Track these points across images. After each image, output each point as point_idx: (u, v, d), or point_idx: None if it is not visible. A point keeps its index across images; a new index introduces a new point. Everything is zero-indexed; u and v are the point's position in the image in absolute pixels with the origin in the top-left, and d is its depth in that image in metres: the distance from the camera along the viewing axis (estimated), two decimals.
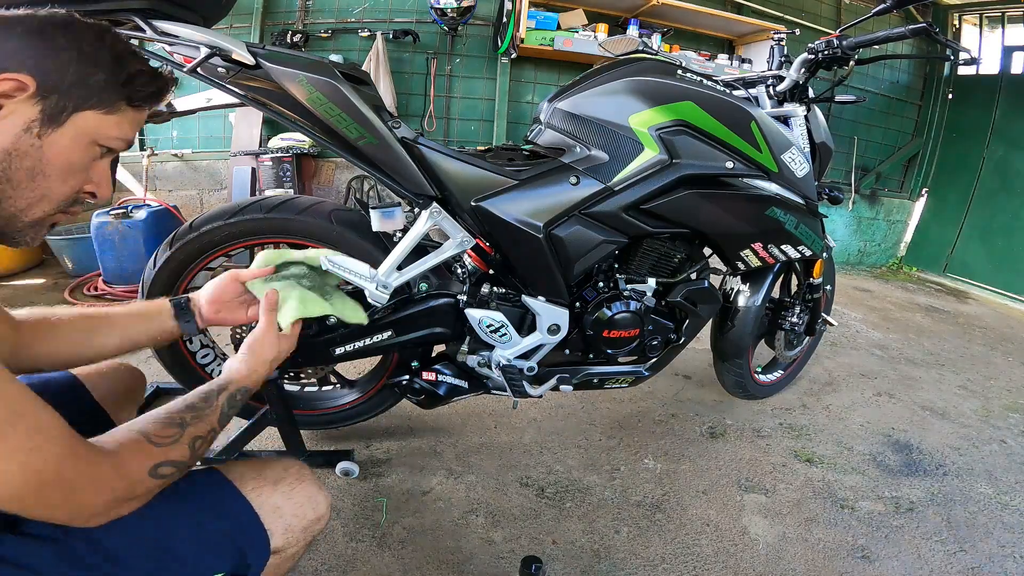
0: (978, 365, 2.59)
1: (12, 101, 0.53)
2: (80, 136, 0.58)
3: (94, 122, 0.58)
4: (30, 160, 0.55)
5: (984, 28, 4.21)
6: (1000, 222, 4.04)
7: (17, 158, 0.54)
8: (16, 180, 0.55)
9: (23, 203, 0.56)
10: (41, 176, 0.56)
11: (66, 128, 0.56)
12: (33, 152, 0.55)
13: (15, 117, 0.54)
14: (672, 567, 1.23)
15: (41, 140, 0.55)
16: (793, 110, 1.45)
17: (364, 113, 1.09)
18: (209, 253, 1.23)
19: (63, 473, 0.49)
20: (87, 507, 0.52)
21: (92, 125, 0.58)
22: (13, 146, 0.54)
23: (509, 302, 1.32)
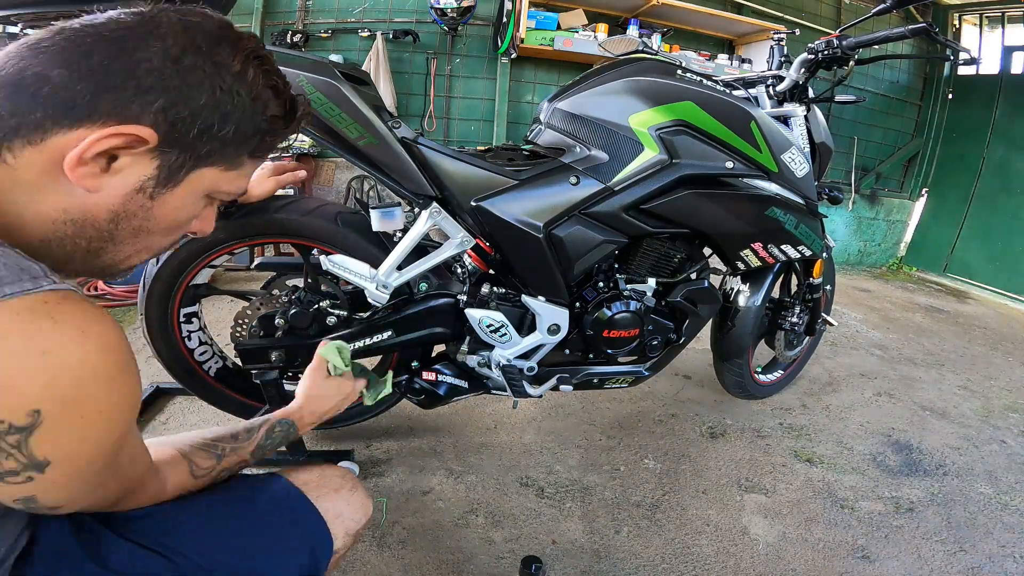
0: (978, 365, 2.59)
1: (128, 154, 0.44)
2: (194, 193, 0.51)
3: (212, 178, 0.50)
4: (137, 221, 0.48)
5: (984, 28, 4.21)
6: (1000, 222, 4.04)
7: (125, 219, 0.47)
8: (119, 238, 0.49)
9: (122, 256, 0.51)
10: (145, 233, 0.50)
11: (181, 187, 0.49)
12: (142, 213, 0.48)
13: (128, 174, 0.45)
14: (672, 567, 1.23)
15: (153, 201, 0.48)
16: (793, 110, 1.45)
17: (364, 113, 1.09)
18: (212, 251, 1.23)
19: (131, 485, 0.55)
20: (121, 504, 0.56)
21: (209, 181, 0.50)
22: (123, 207, 0.46)
23: (509, 302, 1.32)
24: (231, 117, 0.47)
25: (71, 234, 0.45)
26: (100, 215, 0.46)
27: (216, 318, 2.08)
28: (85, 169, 0.43)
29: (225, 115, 0.47)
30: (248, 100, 0.48)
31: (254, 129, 0.50)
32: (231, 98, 0.47)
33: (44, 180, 0.43)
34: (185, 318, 1.32)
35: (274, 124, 0.52)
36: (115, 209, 0.46)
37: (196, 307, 1.34)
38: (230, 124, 0.47)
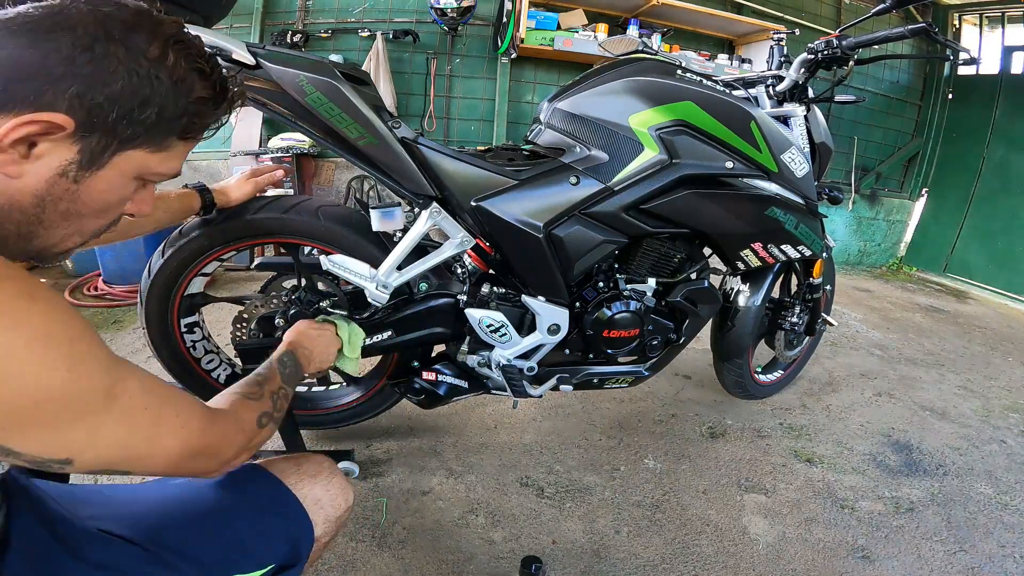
0: (978, 365, 2.59)
1: (47, 140, 0.45)
2: (122, 176, 0.51)
3: (139, 160, 0.51)
4: (64, 204, 0.49)
5: (984, 28, 4.21)
6: (1000, 222, 4.04)
7: (51, 203, 0.48)
8: (48, 222, 0.49)
9: (54, 239, 0.51)
10: (75, 216, 0.50)
11: (106, 170, 0.49)
12: (68, 196, 0.48)
13: (49, 159, 0.46)
14: (672, 567, 1.23)
15: (78, 185, 0.48)
16: (793, 110, 1.45)
17: (364, 113, 1.09)
18: (199, 259, 1.23)
19: (208, 439, 0.57)
20: (224, 459, 0.60)
21: (136, 163, 0.51)
22: (47, 191, 0.47)
23: (509, 302, 1.32)
24: (152, 101, 0.48)
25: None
26: (25, 200, 0.47)
27: (216, 318, 2.08)
28: (3, 156, 0.44)
29: (145, 99, 0.48)
30: (169, 83, 0.49)
31: (179, 111, 0.51)
32: (149, 82, 0.47)
33: None
34: (186, 328, 1.32)
35: (202, 106, 0.53)
36: (39, 193, 0.47)
37: (196, 317, 1.34)
38: (151, 108, 0.48)
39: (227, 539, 0.64)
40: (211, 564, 0.62)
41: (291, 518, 0.70)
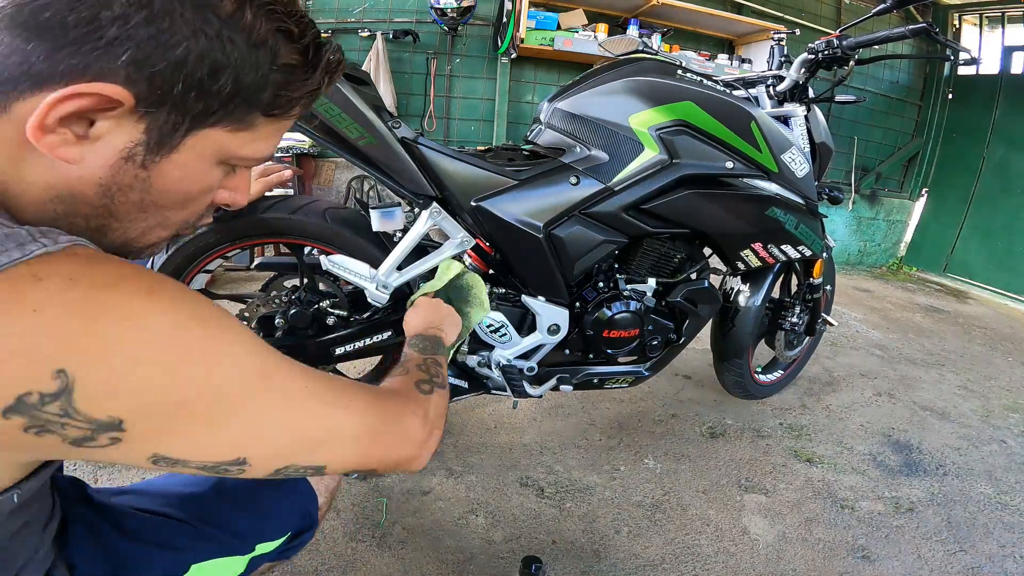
0: (978, 365, 2.59)
1: (105, 117, 0.38)
2: (200, 160, 0.44)
3: (219, 141, 0.44)
4: (136, 194, 0.42)
5: (984, 28, 4.21)
6: (1000, 222, 4.04)
7: (119, 192, 0.41)
8: (122, 214, 0.43)
9: (134, 233, 0.46)
10: (154, 207, 0.44)
11: (180, 153, 0.42)
12: (139, 184, 0.42)
13: (110, 140, 0.39)
14: (672, 567, 1.23)
15: (148, 171, 0.42)
16: (793, 110, 1.45)
17: (364, 113, 1.09)
18: (205, 255, 1.23)
19: (382, 412, 0.53)
20: (413, 436, 0.55)
21: (216, 145, 0.44)
22: (112, 179, 0.41)
23: (509, 302, 1.32)
24: (225, 68, 0.40)
25: (63, 213, 0.41)
26: (88, 190, 0.40)
27: None
28: (54, 137, 0.37)
29: (217, 66, 0.39)
30: (246, 48, 0.40)
31: (261, 82, 0.42)
32: (221, 46, 0.39)
33: (20, 153, 0.38)
34: None
35: (290, 75, 0.44)
36: (104, 182, 0.40)
37: None
38: (225, 77, 0.40)
39: (254, 511, 0.69)
40: (245, 533, 0.68)
41: (300, 489, 0.76)
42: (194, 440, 0.39)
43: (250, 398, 0.42)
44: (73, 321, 0.33)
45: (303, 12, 0.45)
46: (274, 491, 0.73)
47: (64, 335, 0.33)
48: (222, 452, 0.41)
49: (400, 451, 0.54)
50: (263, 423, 0.43)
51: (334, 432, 0.48)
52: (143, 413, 0.36)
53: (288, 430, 0.44)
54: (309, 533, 0.77)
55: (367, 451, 0.51)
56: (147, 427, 0.37)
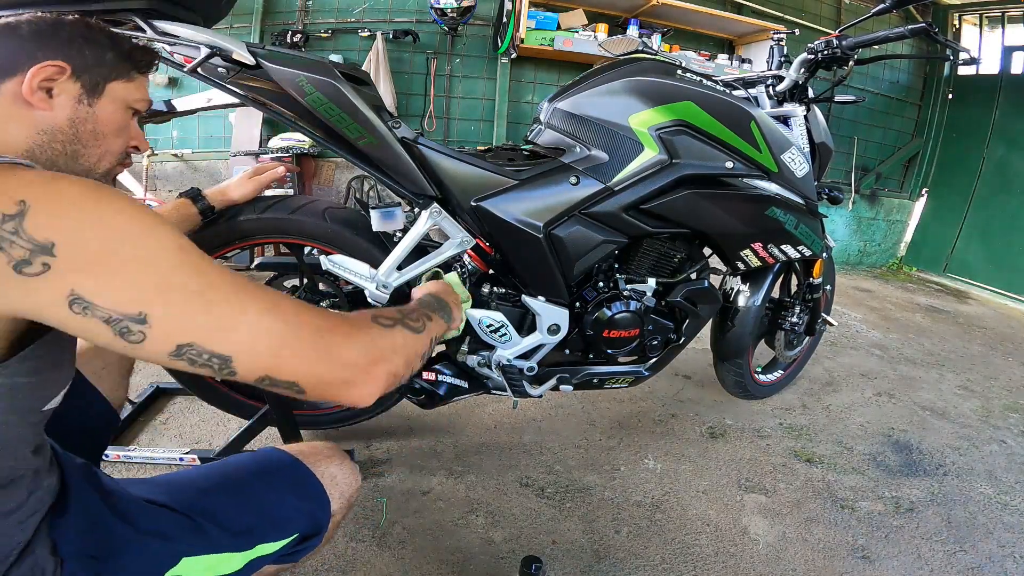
0: (978, 365, 2.59)
1: (58, 82, 0.62)
2: (116, 101, 0.69)
3: (122, 90, 0.69)
4: (90, 124, 0.66)
5: (984, 28, 4.21)
6: (1000, 222, 4.04)
7: (80, 123, 0.65)
8: (84, 140, 0.66)
9: (94, 158, 0.67)
10: (100, 136, 0.67)
11: (105, 97, 0.67)
12: (90, 118, 0.66)
13: (66, 94, 0.64)
14: (672, 567, 1.23)
15: (92, 108, 0.66)
16: (793, 110, 1.45)
17: (364, 113, 1.09)
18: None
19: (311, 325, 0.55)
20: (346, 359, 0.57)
21: (122, 92, 0.69)
22: (75, 114, 0.65)
23: (509, 302, 1.32)
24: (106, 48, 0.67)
25: (46, 142, 0.62)
26: (61, 123, 0.63)
27: None
28: (36, 97, 0.61)
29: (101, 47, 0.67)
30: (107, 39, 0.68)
31: (126, 51, 0.70)
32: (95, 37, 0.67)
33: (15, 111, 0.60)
34: None
35: (133, 47, 0.71)
36: (71, 116, 0.64)
37: None
38: (108, 52, 0.67)
39: (256, 511, 0.71)
40: (243, 532, 0.68)
41: (311, 494, 0.76)
42: (107, 284, 0.46)
43: (167, 260, 0.49)
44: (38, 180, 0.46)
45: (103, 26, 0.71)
46: (282, 491, 0.74)
47: (30, 184, 0.45)
48: (127, 302, 0.46)
49: (323, 370, 0.55)
50: (174, 284, 0.48)
51: (247, 324, 0.51)
52: (73, 243, 0.44)
53: (196, 299, 0.49)
54: (316, 539, 0.77)
55: (280, 356, 0.52)
56: (72, 258, 0.44)
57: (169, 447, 1.44)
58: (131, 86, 0.71)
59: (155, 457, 1.37)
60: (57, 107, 0.64)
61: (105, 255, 0.46)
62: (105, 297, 0.45)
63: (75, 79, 0.65)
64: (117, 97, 0.70)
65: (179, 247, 0.50)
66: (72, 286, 0.44)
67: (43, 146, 0.62)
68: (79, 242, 0.45)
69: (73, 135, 0.65)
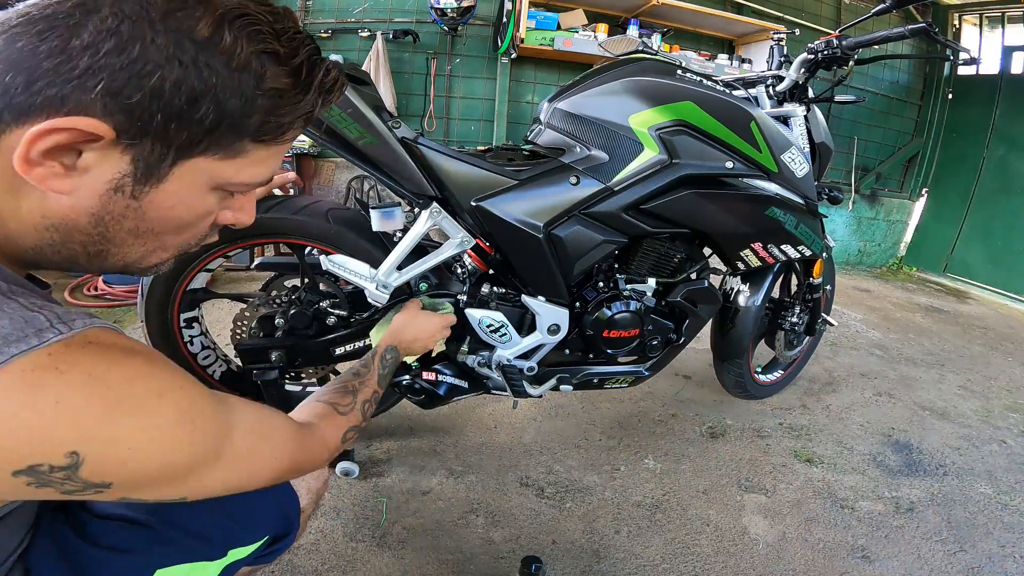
0: (978, 365, 2.59)
1: (92, 150, 0.38)
2: (192, 188, 0.44)
3: (208, 170, 0.43)
4: (130, 222, 0.43)
5: (984, 28, 4.21)
6: (1000, 222, 4.04)
7: (112, 222, 0.42)
8: (118, 240, 0.44)
9: (134, 256, 0.46)
10: (150, 234, 0.45)
11: (170, 183, 0.42)
12: (132, 214, 0.42)
13: (98, 172, 0.39)
14: (672, 567, 1.23)
15: (139, 201, 0.42)
16: (793, 110, 1.45)
17: (364, 113, 1.09)
18: (208, 254, 1.23)
19: (296, 464, 0.59)
20: (303, 472, 0.62)
21: (206, 174, 0.43)
22: (103, 209, 0.41)
23: (509, 302, 1.32)
24: (205, 96, 0.39)
25: (59, 240, 0.42)
26: (80, 219, 0.41)
27: (216, 318, 2.08)
28: (42, 170, 0.37)
29: (195, 94, 0.38)
30: (227, 73, 0.39)
31: (247, 108, 0.41)
32: (199, 72, 0.38)
33: (13, 184, 0.39)
34: (185, 323, 1.32)
35: (279, 99, 0.42)
36: (96, 212, 0.41)
37: (196, 312, 1.34)
38: (206, 105, 0.39)
39: (226, 515, 0.67)
40: (217, 538, 0.66)
41: (278, 492, 0.73)
42: (157, 492, 0.45)
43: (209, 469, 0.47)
44: (90, 416, 0.38)
45: (295, 28, 0.43)
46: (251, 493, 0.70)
47: (81, 426, 0.37)
48: (173, 496, 0.46)
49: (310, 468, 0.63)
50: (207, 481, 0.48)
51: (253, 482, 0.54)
52: (130, 481, 0.42)
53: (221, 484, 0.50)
54: (289, 537, 0.75)
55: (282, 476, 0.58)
56: (127, 486, 0.42)
57: None
58: (233, 165, 0.44)
59: None
60: (79, 190, 0.40)
61: (159, 480, 0.44)
62: (153, 497, 0.46)
63: (124, 150, 0.39)
64: (196, 181, 0.43)
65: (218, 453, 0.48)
66: (123, 496, 0.43)
67: (54, 245, 0.42)
68: (136, 480, 0.42)
69: (100, 235, 0.43)
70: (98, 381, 0.38)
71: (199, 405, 0.46)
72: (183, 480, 0.46)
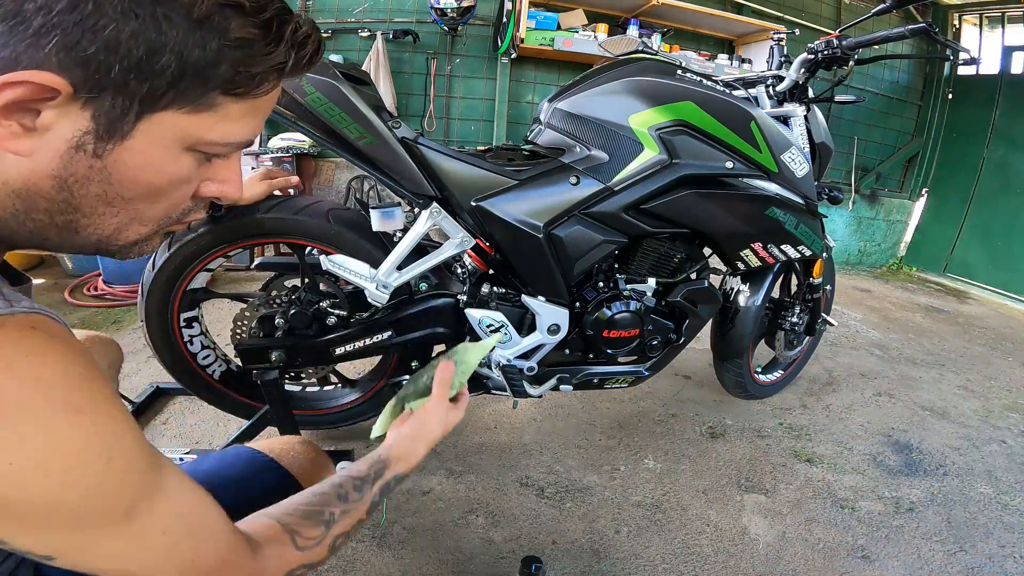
0: (978, 365, 2.59)
1: (51, 107, 0.37)
2: (159, 146, 0.42)
3: (176, 125, 0.41)
4: (96, 185, 0.41)
5: (984, 28, 4.21)
6: (1000, 222, 4.04)
7: (76, 185, 0.40)
8: (86, 208, 0.42)
9: (108, 230, 0.44)
10: (120, 200, 0.42)
11: (134, 140, 0.40)
12: (97, 175, 0.40)
13: (58, 130, 0.38)
14: (672, 567, 1.23)
15: (103, 160, 0.40)
16: (793, 110, 1.45)
17: (364, 113, 1.09)
18: (208, 254, 1.23)
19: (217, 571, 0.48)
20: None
21: (174, 129, 0.41)
22: (65, 170, 0.39)
23: (509, 302, 1.32)
24: (164, 48, 0.38)
25: (22, 208, 0.40)
26: (43, 183, 0.39)
27: (216, 318, 2.08)
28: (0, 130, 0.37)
29: (154, 46, 0.37)
30: (187, 25, 0.38)
31: (212, 58, 0.40)
32: (156, 24, 0.37)
33: None
34: (185, 323, 1.32)
35: (248, 49, 0.41)
36: (57, 174, 0.39)
37: (196, 311, 1.34)
38: (166, 56, 0.38)
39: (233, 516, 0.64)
40: None
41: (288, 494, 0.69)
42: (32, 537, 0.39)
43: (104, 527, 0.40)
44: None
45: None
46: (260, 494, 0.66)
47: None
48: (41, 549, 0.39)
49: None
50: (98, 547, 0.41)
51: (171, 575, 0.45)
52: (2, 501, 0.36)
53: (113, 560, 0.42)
54: None
55: None
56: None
57: (169, 447, 1.44)
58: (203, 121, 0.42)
59: None
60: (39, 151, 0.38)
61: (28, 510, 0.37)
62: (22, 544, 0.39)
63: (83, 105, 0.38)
64: (162, 137, 0.41)
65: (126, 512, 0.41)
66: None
67: (18, 215, 0.40)
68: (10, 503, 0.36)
69: (65, 202, 0.41)
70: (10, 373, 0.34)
71: (127, 444, 0.40)
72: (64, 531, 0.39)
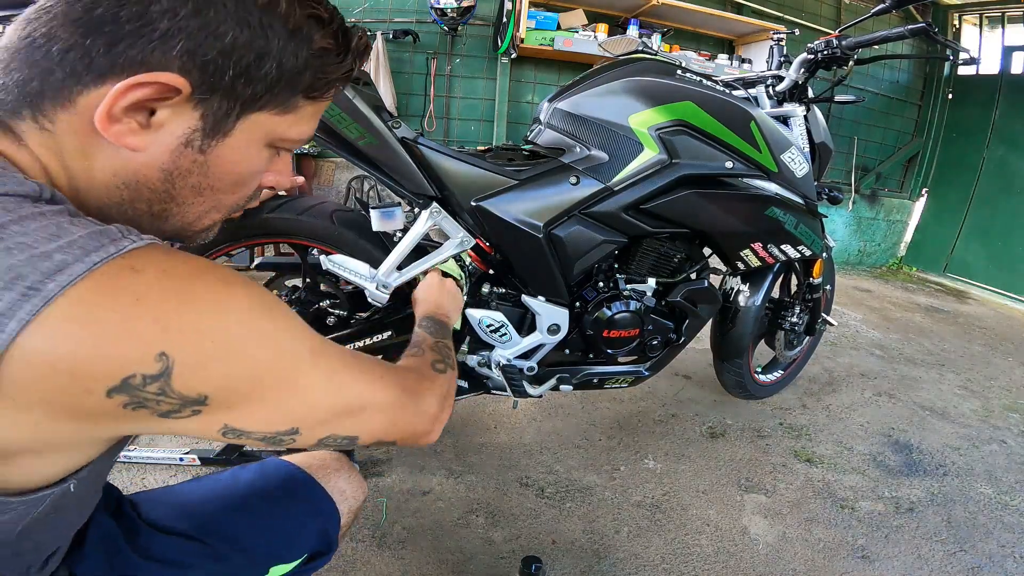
0: (978, 365, 2.59)
1: (165, 106, 0.41)
2: (251, 143, 0.47)
3: (267, 124, 0.47)
4: (195, 178, 0.46)
5: (984, 28, 4.21)
6: (1000, 222, 4.04)
7: (180, 177, 0.45)
8: (181, 198, 0.47)
9: (191, 217, 0.49)
10: (209, 191, 0.48)
11: (233, 137, 0.46)
12: (197, 169, 0.45)
13: (171, 127, 0.43)
14: (672, 567, 1.23)
15: (205, 155, 0.45)
16: (792, 110, 1.45)
17: (364, 113, 1.09)
18: (209, 253, 1.23)
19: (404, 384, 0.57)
20: (426, 409, 0.59)
21: (265, 128, 0.47)
22: (174, 164, 0.44)
23: (509, 302, 1.32)
24: (269, 54, 0.43)
25: (128, 199, 0.44)
26: (152, 175, 0.44)
27: None
28: (120, 127, 0.40)
29: (261, 53, 0.43)
30: (285, 34, 0.44)
31: (301, 65, 0.46)
32: (263, 33, 0.43)
33: (87, 144, 0.41)
34: None
35: (324, 58, 0.47)
36: (166, 167, 0.44)
37: None
38: (269, 62, 0.44)
39: (270, 531, 0.68)
40: (259, 555, 0.66)
41: (323, 511, 0.73)
42: (259, 412, 0.43)
43: (304, 374, 0.46)
44: (170, 307, 0.37)
45: None
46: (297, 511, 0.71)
47: (164, 320, 0.37)
48: (281, 422, 0.45)
49: (418, 424, 0.58)
50: (314, 395, 0.47)
51: (369, 403, 0.52)
52: (224, 389, 0.41)
53: (333, 401, 0.49)
54: (328, 556, 0.74)
55: (393, 422, 0.54)
56: (225, 401, 0.41)
57: (169, 447, 1.44)
58: (286, 120, 0.48)
59: (155, 457, 1.37)
60: (152, 146, 0.43)
61: (255, 390, 0.42)
62: (259, 424, 0.44)
63: (195, 105, 0.43)
64: (255, 135, 0.47)
65: (311, 350, 0.47)
66: (225, 422, 0.42)
67: (122, 204, 0.45)
68: (231, 388, 0.41)
69: (166, 193, 0.46)
70: (170, 275, 0.38)
71: (272, 300, 0.45)
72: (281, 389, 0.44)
